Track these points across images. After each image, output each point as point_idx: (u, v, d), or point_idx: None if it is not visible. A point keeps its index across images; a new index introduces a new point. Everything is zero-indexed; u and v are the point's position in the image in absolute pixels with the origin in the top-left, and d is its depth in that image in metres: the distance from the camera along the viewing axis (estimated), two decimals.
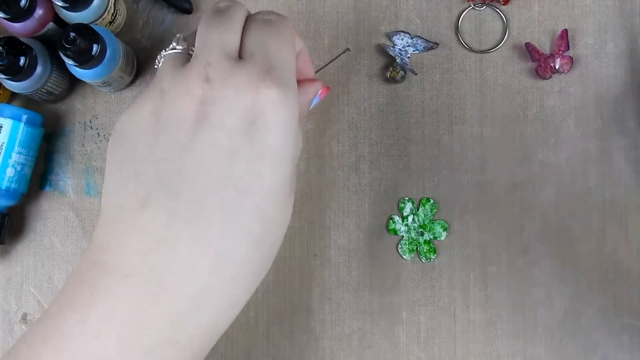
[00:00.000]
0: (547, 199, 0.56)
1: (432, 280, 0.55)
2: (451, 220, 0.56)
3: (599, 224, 0.56)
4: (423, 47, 0.56)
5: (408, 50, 0.55)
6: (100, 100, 0.57)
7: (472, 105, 0.57)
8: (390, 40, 0.56)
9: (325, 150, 0.57)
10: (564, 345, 0.55)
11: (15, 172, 0.53)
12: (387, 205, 0.56)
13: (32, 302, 0.56)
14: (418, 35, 0.56)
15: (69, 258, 0.56)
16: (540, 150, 0.56)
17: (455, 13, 0.57)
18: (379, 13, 0.57)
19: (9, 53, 0.50)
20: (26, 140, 0.54)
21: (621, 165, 0.56)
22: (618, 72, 0.56)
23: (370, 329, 0.55)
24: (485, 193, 0.56)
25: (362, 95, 0.57)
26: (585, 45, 0.57)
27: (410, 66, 0.55)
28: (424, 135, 0.56)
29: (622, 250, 0.55)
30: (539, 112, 0.56)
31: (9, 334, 0.55)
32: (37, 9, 0.51)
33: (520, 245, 0.56)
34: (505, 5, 0.57)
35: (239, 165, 0.33)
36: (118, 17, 0.55)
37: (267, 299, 0.55)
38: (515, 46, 0.57)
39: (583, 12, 0.57)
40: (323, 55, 0.57)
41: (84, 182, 0.57)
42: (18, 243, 0.56)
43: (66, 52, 0.50)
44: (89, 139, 0.57)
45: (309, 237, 0.56)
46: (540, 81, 0.57)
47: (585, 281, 0.55)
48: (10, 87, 0.53)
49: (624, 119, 0.56)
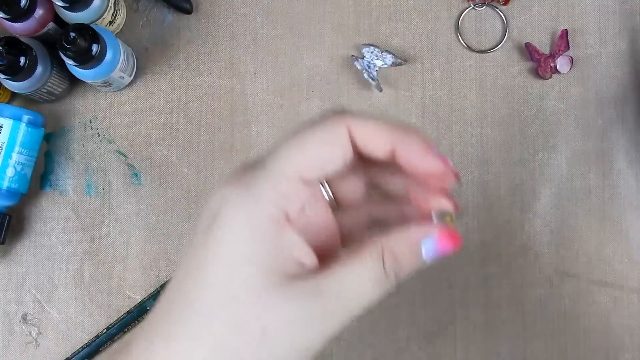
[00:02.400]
0: (547, 199, 0.56)
1: (432, 280, 0.55)
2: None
3: (599, 224, 0.56)
4: (391, 62, 0.55)
5: (376, 63, 0.55)
6: (100, 100, 0.57)
7: (472, 105, 0.57)
8: (360, 52, 0.56)
9: None
10: (564, 345, 0.55)
11: (16, 172, 0.53)
12: None
13: (32, 302, 0.56)
14: (387, 50, 0.56)
15: (69, 258, 0.56)
16: (540, 150, 0.56)
17: (455, 13, 0.57)
18: (379, 13, 0.57)
19: (9, 53, 0.50)
20: (26, 140, 0.54)
21: (621, 165, 0.56)
22: (618, 72, 0.56)
23: (370, 329, 0.55)
24: (485, 193, 0.56)
25: (362, 95, 0.57)
26: (585, 45, 0.57)
27: (377, 81, 0.55)
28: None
29: (621, 250, 0.55)
30: (539, 112, 0.56)
31: (9, 334, 0.55)
32: (37, 9, 0.51)
33: (520, 245, 0.56)
34: (505, 5, 0.57)
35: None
36: (118, 17, 0.55)
37: None
38: (515, 46, 0.57)
39: (583, 12, 0.57)
40: (323, 55, 0.57)
41: (84, 182, 0.57)
42: (18, 243, 0.56)
43: (66, 52, 0.50)
44: (89, 139, 0.57)
45: None
46: (540, 81, 0.57)
47: (585, 281, 0.55)
48: (10, 87, 0.53)
49: (624, 119, 0.56)
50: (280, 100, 0.57)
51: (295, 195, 0.29)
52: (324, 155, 0.29)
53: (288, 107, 0.57)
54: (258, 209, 0.28)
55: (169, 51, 0.57)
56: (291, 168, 0.29)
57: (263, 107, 0.57)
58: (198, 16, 0.58)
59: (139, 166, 0.57)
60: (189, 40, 0.57)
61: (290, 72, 0.57)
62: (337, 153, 0.29)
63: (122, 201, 0.56)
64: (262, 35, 0.57)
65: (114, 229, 0.56)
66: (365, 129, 0.29)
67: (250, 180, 0.29)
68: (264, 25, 0.57)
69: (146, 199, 0.56)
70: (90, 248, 0.56)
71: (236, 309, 0.28)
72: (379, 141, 0.29)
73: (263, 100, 0.57)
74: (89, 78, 0.52)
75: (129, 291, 0.56)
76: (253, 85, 0.57)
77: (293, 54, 0.57)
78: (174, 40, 0.57)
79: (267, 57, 0.57)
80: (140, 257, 0.56)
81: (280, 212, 0.28)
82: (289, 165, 0.29)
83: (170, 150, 0.57)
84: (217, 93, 0.57)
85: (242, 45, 0.57)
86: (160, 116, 0.57)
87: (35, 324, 0.56)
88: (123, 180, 0.57)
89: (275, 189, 0.29)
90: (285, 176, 0.29)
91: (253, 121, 0.57)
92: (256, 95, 0.57)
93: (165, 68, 0.57)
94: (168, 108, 0.57)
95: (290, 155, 0.29)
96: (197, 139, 0.57)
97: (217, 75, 0.57)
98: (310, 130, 0.29)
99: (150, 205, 0.56)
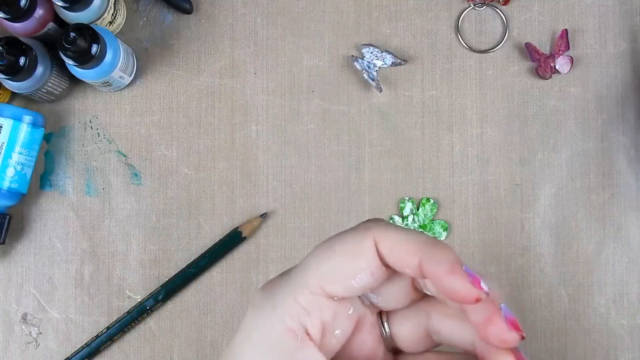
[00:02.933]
0: (547, 199, 0.56)
1: None
2: (451, 220, 0.56)
3: (599, 224, 0.56)
4: (391, 63, 0.55)
5: (376, 63, 0.55)
6: (100, 100, 0.57)
7: (472, 105, 0.57)
8: (360, 52, 0.56)
9: (325, 150, 0.57)
10: (564, 345, 0.55)
11: (16, 172, 0.53)
12: (387, 205, 0.56)
13: (32, 302, 0.56)
14: (387, 50, 0.55)
15: (69, 258, 0.56)
16: (540, 150, 0.56)
17: (455, 13, 0.57)
18: (379, 13, 0.57)
19: (9, 53, 0.50)
20: (26, 140, 0.54)
21: (621, 165, 0.56)
22: (618, 72, 0.56)
23: None
24: (485, 193, 0.56)
25: (362, 95, 0.57)
26: (585, 45, 0.57)
27: (377, 81, 0.55)
28: (424, 135, 0.56)
29: (621, 250, 0.55)
30: (539, 112, 0.56)
31: (9, 334, 0.55)
32: (37, 9, 0.51)
33: (520, 245, 0.56)
34: (505, 5, 0.57)
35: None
36: (118, 17, 0.55)
37: None
38: (515, 46, 0.57)
39: (583, 12, 0.57)
40: (323, 55, 0.57)
41: (84, 182, 0.57)
42: (18, 243, 0.56)
43: (66, 52, 0.50)
44: (89, 139, 0.57)
45: (309, 237, 0.56)
46: (540, 81, 0.57)
47: (585, 281, 0.55)
48: (10, 87, 0.53)
49: (624, 119, 0.56)
50: (280, 100, 0.57)
51: (317, 310, 0.27)
52: (347, 269, 0.27)
53: (288, 107, 0.57)
54: (276, 319, 0.27)
55: (169, 51, 0.57)
56: (314, 280, 0.27)
57: (263, 107, 0.57)
58: (198, 16, 0.58)
59: (139, 166, 0.57)
60: (189, 40, 0.57)
61: (290, 72, 0.57)
62: (361, 266, 0.27)
63: (122, 201, 0.56)
64: (262, 35, 0.57)
65: (114, 229, 0.56)
66: (391, 240, 0.27)
67: (276, 289, 0.28)
68: (264, 25, 0.57)
69: (146, 199, 0.56)
70: (90, 248, 0.56)
71: None
72: (406, 254, 0.27)
73: (263, 100, 0.57)
74: (89, 78, 0.52)
75: (129, 291, 0.56)
76: (253, 85, 0.57)
77: (293, 54, 0.57)
78: (174, 40, 0.57)
79: (267, 57, 0.57)
80: (140, 257, 0.56)
81: (298, 325, 0.27)
82: (312, 276, 0.27)
83: (170, 150, 0.57)
84: (217, 93, 0.57)
85: (242, 45, 0.57)
86: (160, 116, 0.57)
87: (35, 324, 0.56)
88: (123, 180, 0.57)
89: (296, 301, 0.27)
90: (307, 288, 0.27)
91: (253, 121, 0.57)
92: (256, 95, 0.57)
93: (165, 68, 0.57)
94: (168, 108, 0.57)
95: (314, 266, 0.27)
96: (197, 139, 0.57)
97: (217, 75, 0.57)
98: (338, 241, 0.28)
99: (150, 205, 0.56)
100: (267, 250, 0.56)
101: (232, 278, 0.56)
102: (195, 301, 0.56)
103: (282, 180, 0.56)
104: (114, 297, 0.56)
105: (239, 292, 0.56)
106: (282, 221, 0.56)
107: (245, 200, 0.56)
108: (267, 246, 0.56)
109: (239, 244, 0.55)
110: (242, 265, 0.56)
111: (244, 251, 0.56)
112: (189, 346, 0.55)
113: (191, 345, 0.55)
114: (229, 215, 0.56)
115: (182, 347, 0.55)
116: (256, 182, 0.56)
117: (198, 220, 0.56)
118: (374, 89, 0.56)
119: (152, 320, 0.55)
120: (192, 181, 0.57)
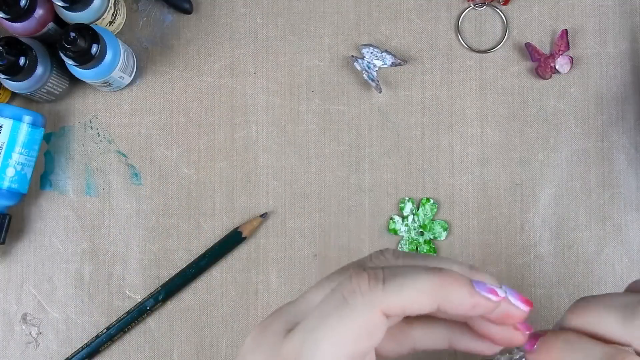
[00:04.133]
0: (547, 199, 0.56)
1: None
2: (451, 220, 0.56)
3: (599, 224, 0.56)
4: (391, 63, 0.55)
5: (376, 64, 0.55)
6: (100, 100, 0.57)
7: (472, 105, 0.57)
8: (360, 52, 0.56)
9: (325, 150, 0.57)
10: None
11: (16, 172, 0.53)
12: (387, 205, 0.56)
13: (32, 302, 0.56)
14: (387, 50, 0.56)
15: (69, 258, 0.56)
16: (540, 150, 0.56)
17: (455, 13, 0.57)
18: (379, 13, 0.57)
19: (9, 53, 0.50)
20: (26, 140, 0.54)
21: (621, 165, 0.56)
22: (618, 72, 0.56)
23: None
24: (485, 193, 0.56)
25: (362, 96, 0.57)
26: (585, 45, 0.57)
27: (377, 82, 0.55)
28: (424, 135, 0.56)
29: (621, 250, 0.55)
30: (539, 112, 0.56)
31: (9, 334, 0.55)
32: (37, 9, 0.51)
33: (520, 245, 0.56)
34: (505, 5, 0.57)
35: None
36: (118, 17, 0.55)
37: (267, 299, 0.55)
38: (515, 46, 0.57)
39: (583, 12, 0.57)
40: (323, 55, 0.57)
41: (84, 182, 0.57)
42: (18, 243, 0.56)
43: (66, 52, 0.50)
44: (89, 139, 0.57)
45: (309, 237, 0.56)
46: (540, 81, 0.57)
47: (585, 281, 0.55)
48: (10, 87, 0.53)
49: (624, 119, 0.56)
50: (280, 100, 0.57)
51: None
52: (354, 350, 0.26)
53: (288, 107, 0.57)
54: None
55: (169, 51, 0.57)
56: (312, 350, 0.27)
57: (263, 107, 0.57)
58: (198, 16, 0.58)
59: (139, 166, 0.57)
60: (189, 40, 0.57)
61: (290, 72, 0.57)
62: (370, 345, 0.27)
63: (122, 201, 0.56)
64: (262, 35, 0.57)
65: (114, 229, 0.56)
66: (402, 304, 0.27)
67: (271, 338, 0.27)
68: (264, 25, 0.57)
69: (146, 199, 0.56)
70: (90, 248, 0.56)
71: None
72: (421, 306, 0.27)
73: (263, 100, 0.57)
74: (89, 78, 0.52)
75: (129, 291, 0.56)
76: (253, 85, 0.57)
77: (293, 54, 0.57)
78: (174, 40, 0.57)
79: (267, 57, 0.57)
80: (140, 257, 0.56)
81: None
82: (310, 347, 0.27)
83: (170, 150, 0.57)
84: (217, 93, 0.57)
85: (242, 45, 0.57)
86: (160, 116, 0.57)
87: (35, 324, 0.56)
88: (123, 180, 0.57)
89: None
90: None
91: (253, 121, 0.57)
92: (256, 95, 0.57)
93: (165, 68, 0.57)
94: (168, 108, 0.57)
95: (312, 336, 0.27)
96: (197, 139, 0.57)
97: (217, 75, 0.57)
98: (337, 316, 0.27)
99: (150, 205, 0.56)
100: (267, 250, 0.56)
101: (232, 278, 0.56)
102: (195, 301, 0.56)
103: (282, 180, 0.56)
104: (114, 297, 0.56)
105: (239, 292, 0.56)
106: (282, 221, 0.56)
107: (245, 200, 0.56)
108: (267, 246, 0.56)
109: (239, 244, 0.55)
110: (242, 265, 0.56)
111: (244, 251, 0.56)
112: (189, 346, 0.55)
113: (191, 345, 0.55)
114: (229, 215, 0.56)
115: (182, 347, 0.55)
116: (256, 182, 0.56)
117: (198, 220, 0.56)
118: (374, 89, 0.56)
119: (152, 320, 0.55)
120: (192, 181, 0.57)
